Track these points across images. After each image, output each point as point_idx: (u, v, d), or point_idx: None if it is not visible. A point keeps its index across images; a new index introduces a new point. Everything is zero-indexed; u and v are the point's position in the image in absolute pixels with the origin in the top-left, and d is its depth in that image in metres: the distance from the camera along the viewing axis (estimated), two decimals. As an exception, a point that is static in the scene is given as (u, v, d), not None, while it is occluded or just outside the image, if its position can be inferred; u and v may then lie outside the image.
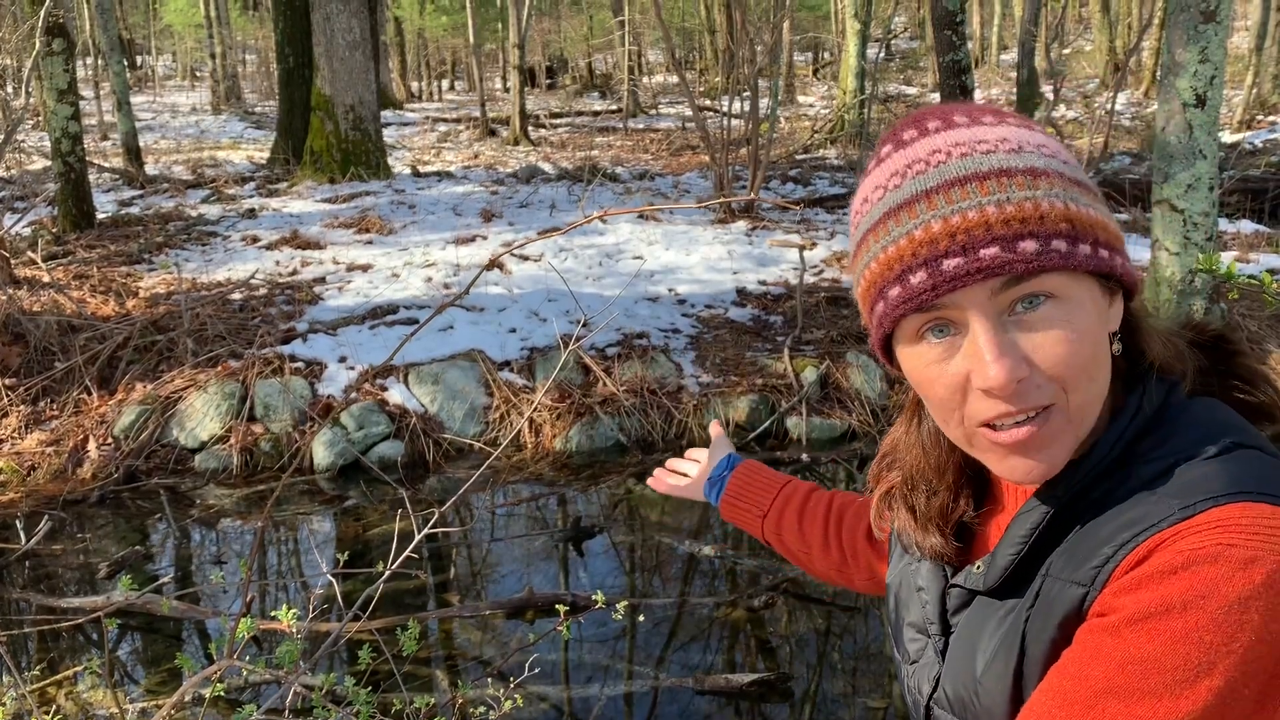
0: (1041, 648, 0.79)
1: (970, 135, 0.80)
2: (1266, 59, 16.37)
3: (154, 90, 28.83)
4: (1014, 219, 0.76)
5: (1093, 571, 0.76)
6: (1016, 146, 0.80)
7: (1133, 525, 0.75)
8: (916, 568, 0.98)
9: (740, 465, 1.46)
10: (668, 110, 21.89)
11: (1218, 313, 5.65)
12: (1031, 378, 0.78)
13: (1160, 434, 0.81)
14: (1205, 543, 0.70)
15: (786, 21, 15.20)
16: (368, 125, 11.44)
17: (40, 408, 5.67)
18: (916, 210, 0.79)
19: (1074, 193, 0.79)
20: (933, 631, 0.94)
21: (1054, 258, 0.76)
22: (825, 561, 1.34)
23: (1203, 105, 5.34)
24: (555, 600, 3.89)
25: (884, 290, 0.81)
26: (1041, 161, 0.79)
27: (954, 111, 0.84)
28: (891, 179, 0.82)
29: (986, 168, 0.78)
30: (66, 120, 8.45)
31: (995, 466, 0.83)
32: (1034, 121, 0.86)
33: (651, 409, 5.72)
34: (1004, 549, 0.85)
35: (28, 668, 3.63)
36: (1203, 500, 0.73)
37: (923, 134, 0.82)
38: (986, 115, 0.83)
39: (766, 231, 8.89)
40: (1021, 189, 0.77)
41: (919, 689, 0.95)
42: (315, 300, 7.02)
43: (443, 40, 31.85)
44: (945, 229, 0.77)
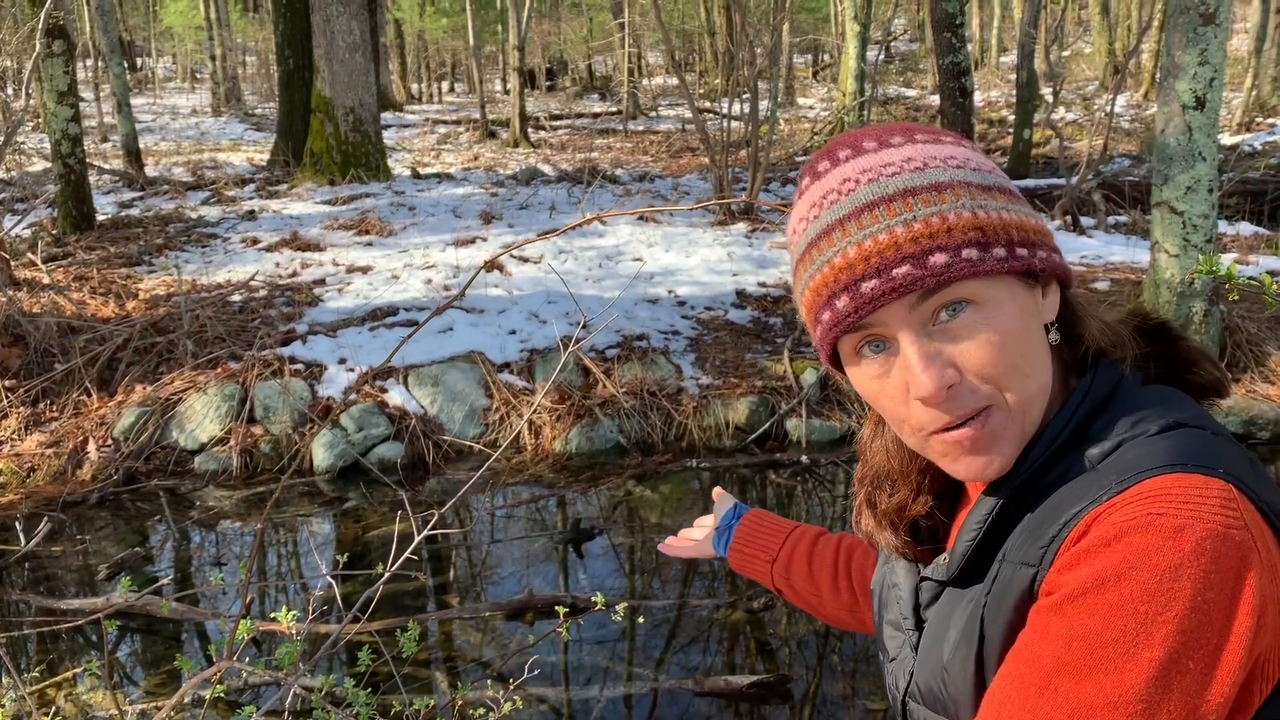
0: (998, 631, 0.81)
1: (877, 160, 0.84)
2: (1266, 61, 16.38)
3: (154, 92, 28.84)
4: (921, 235, 0.80)
5: (1040, 551, 0.78)
6: (921, 164, 0.83)
7: (1076, 502, 0.77)
8: (893, 566, 1.01)
9: (747, 514, 1.45)
10: (667, 112, 21.90)
11: (1217, 314, 5.65)
12: (963, 383, 0.81)
13: (1108, 417, 0.83)
14: (1137, 513, 0.72)
15: (786, 24, 15.20)
16: (368, 127, 11.44)
17: (40, 409, 5.67)
18: (834, 239, 0.83)
19: (982, 199, 0.82)
20: (906, 627, 0.96)
21: (964, 267, 0.79)
22: (835, 603, 1.33)
23: (1202, 107, 5.35)
24: (555, 602, 3.89)
25: (818, 316, 0.85)
26: (946, 175, 0.82)
27: (864, 138, 0.87)
28: (811, 210, 0.87)
29: (892, 190, 0.82)
30: (66, 122, 8.46)
31: (948, 468, 0.86)
32: (948, 132, 0.89)
33: (651, 411, 5.72)
34: (962, 538, 0.87)
35: (27, 669, 3.63)
36: (1138, 474, 0.75)
37: (835, 164, 0.87)
38: (895, 136, 0.86)
39: (766, 233, 8.89)
40: (927, 205, 0.81)
41: (896, 685, 0.98)
42: (315, 302, 7.02)
43: (443, 42, 31.86)
44: (860, 254, 0.81)
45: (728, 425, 5.70)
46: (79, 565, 4.55)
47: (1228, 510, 0.71)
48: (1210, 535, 0.69)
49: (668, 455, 5.56)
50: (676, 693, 3.46)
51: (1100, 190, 9.14)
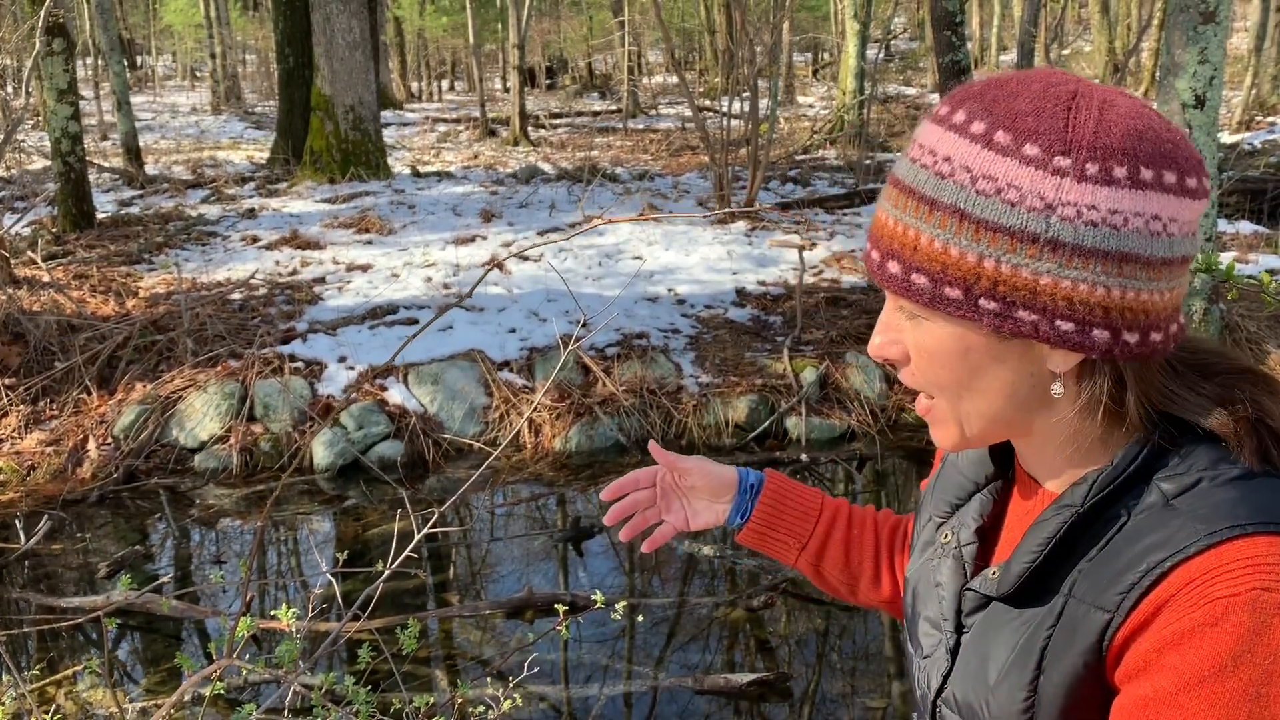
0: (1061, 672, 0.78)
1: (936, 139, 0.80)
2: (1265, 60, 16.38)
3: (154, 90, 28.82)
4: (896, 238, 0.81)
5: (1118, 598, 0.75)
6: (948, 172, 0.77)
7: (1157, 550, 0.74)
8: (938, 564, 0.98)
9: (768, 487, 1.26)
10: (667, 110, 21.89)
11: (1216, 313, 5.65)
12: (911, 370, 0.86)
13: (1185, 450, 0.80)
14: (1239, 588, 0.70)
15: (786, 22, 15.20)
16: (367, 125, 11.44)
17: (40, 407, 5.67)
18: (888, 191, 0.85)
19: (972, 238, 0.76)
20: (946, 629, 0.94)
21: (909, 288, 0.80)
22: (873, 595, 1.25)
23: (1202, 106, 5.35)
24: (554, 600, 3.89)
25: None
26: (956, 196, 0.76)
27: (969, 100, 0.79)
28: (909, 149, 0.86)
29: (908, 181, 0.81)
30: (66, 120, 8.45)
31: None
32: (1056, 142, 0.75)
33: (651, 409, 5.72)
34: (1019, 557, 0.84)
35: (27, 667, 3.63)
36: (1228, 528, 0.72)
37: (932, 118, 0.83)
38: (982, 122, 0.77)
39: (766, 232, 8.89)
40: (914, 215, 0.79)
41: (928, 684, 0.96)
42: (315, 300, 7.02)
43: (442, 40, 31.84)
44: (878, 220, 0.84)
45: (727, 423, 5.70)
46: (79, 563, 4.55)
47: None
48: None
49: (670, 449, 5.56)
50: (676, 691, 3.46)
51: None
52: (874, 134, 13.43)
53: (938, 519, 1.02)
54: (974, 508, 0.97)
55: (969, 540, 0.96)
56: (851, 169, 12.38)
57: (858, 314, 6.76)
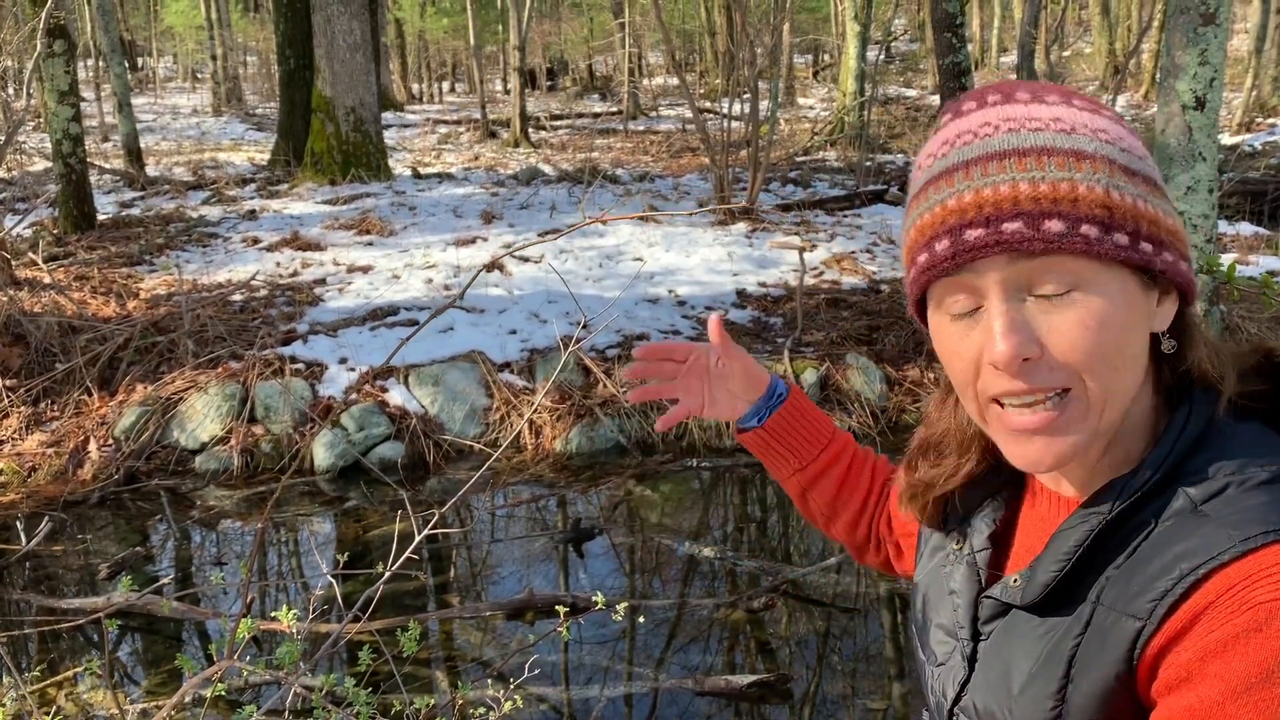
0: (1091, 681, 0.77)
1: (1024, 112, 0.80)
2: (1266, 61, 16.38)
3: (155, 92, 28.84)
4: (1045, 197, 0.76)
5: (1150, 605, 0.74)
6: (1070, 127, 0.78)
7: (1190, 556, 0.73)
8: (950, 570, 0.97)
9: (788, 400, 1.27)
10: (668, 112, 21.90)
11: (1217, 314, 5.65)
12: (1043, 360, 0.77)
13: (1208, 454, 0.79)
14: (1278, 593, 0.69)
15: (786, 24, 15.20)
16: (368, 127, 11.45)
17: (41, 409, 5.67)
18: (954, 180, 0.79)
19: (1122, 180, 0.77)
20: (962, 636, 0.93)
21: (1079, 242, 0.75)
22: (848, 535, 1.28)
23: (1202, 107, 5.35)
24: (555, 601, 3.89)
25: (916, 256, 0.82)
26: (1092, 145, 0.78)
27: (1018, 88, 0.83)
28: (941, 147, 0.83)
29: (1029, 144, 0.77)
30: (67, 122, 8.46)
31: (1005, 450, 0.83)
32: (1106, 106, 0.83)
33: (652, 410, 5.72)
34: (1045, 565, 0.83)
35: (28, 668, 3.63)
36: (1262, 534, 0.72)
37: (980, 106, 0.82)
38: (1051, 94, 0.82)
39: (766, 233, 8.89)
40: (1061, 169, 0.76)
41: (943, 692, 0.94)
42: (316, 301, 7.02)
43: (443, 42, 31.86)
44: (974, 200, 0.77)
45: (728, 425, 5.69)
46: (80, 564, 4.56)
47: None
48: None
49: (668, 455, 5.56)
50: (677, 692, 3.46)
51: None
52: (874, 135, 13.42)
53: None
54: (986, 514, 0.96)
55: (982, 546, 0.94)
56: (852, 171, 12.38)
57: (858, 315, 6.76)
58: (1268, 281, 4.89)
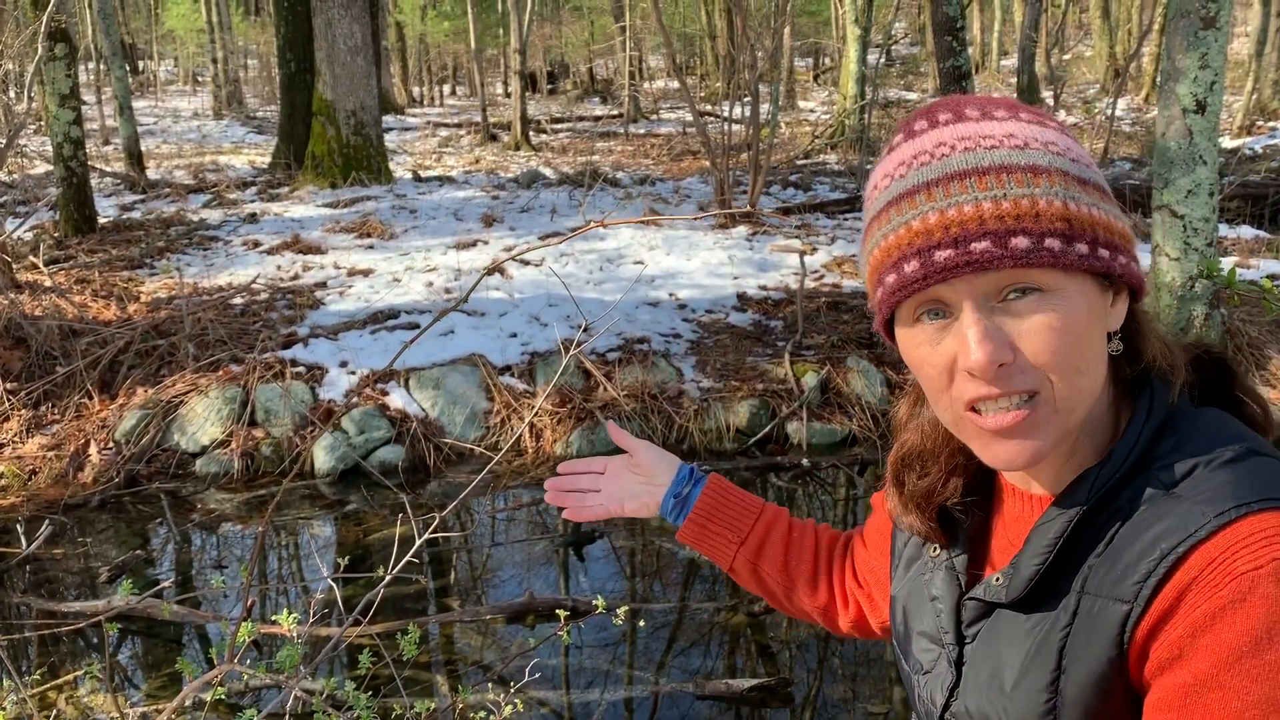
0: (1087, 668, 0.78)
1: (977, 130, 0.82)
2: (1266, 65, 16.38)
3: (156, 95, 28.86)
4: (1008, 215, 0.78)
5: (1135, 587, 0.76)
6: (1022, 143, 0.81)
7: (1170, 535, 0.75)
8: (930, 577, 0.97)
9: (709, 483, 1.28)
10: (668, 115, 21.91)
11: (1218, 318, 5.65)
12: (1015, 363, 0.80)
13: (1174, 438, 0.82)
14: (1261, 560, 0.71)
15: (787, 27, 15.22)
16: (369, 130, 11.46)
17: (41, 412, 5.67)
18: (916, 201, 0.81)
19: (1076, 191, 0.80)
20: (947, 642, 0.93)
21: (1045, 256, 0.78)
22: (810, 600, 1.26)
23: (1203, 111, 5.35)
24: (555, 605, 3.89)
25: (883, 277, 0.83)
26: (1046, 159, 0.80)
27: (966, 105, 0.85)
28: (898, 168, 0.84)
29: (987, 163, 0.79)
30: (68, 125, 8.47)
31: (980, 452, 0.85)
32: (1051, 116, 0.86)
33: (652, 414, 5.72)
34: (1027, 560, 0.84)
35: (28, 672, 3.63)
36: (1235, 507, 0.74)
37: (933, 125, 0.84)
38: (999, 109, 0.84)
39: (767, 236, 8.90)
40: (1020, 185, 0.78)
41: (931, 699, 0.95)
42: (316, 305, 7.03)
43: (444, 45, 31.89)
44: (940, 221, 0.79)
45: (728, 428, 5.70)
46: (80, 568, 4.55)
47: None
48: None
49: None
50: (677, 696, 3.45)
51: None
52: (875, 139, 13.43)
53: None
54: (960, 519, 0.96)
55: (960, 551, 0.95)
56: (853, 174, 12.38)
57: (859, 319, 6.76)
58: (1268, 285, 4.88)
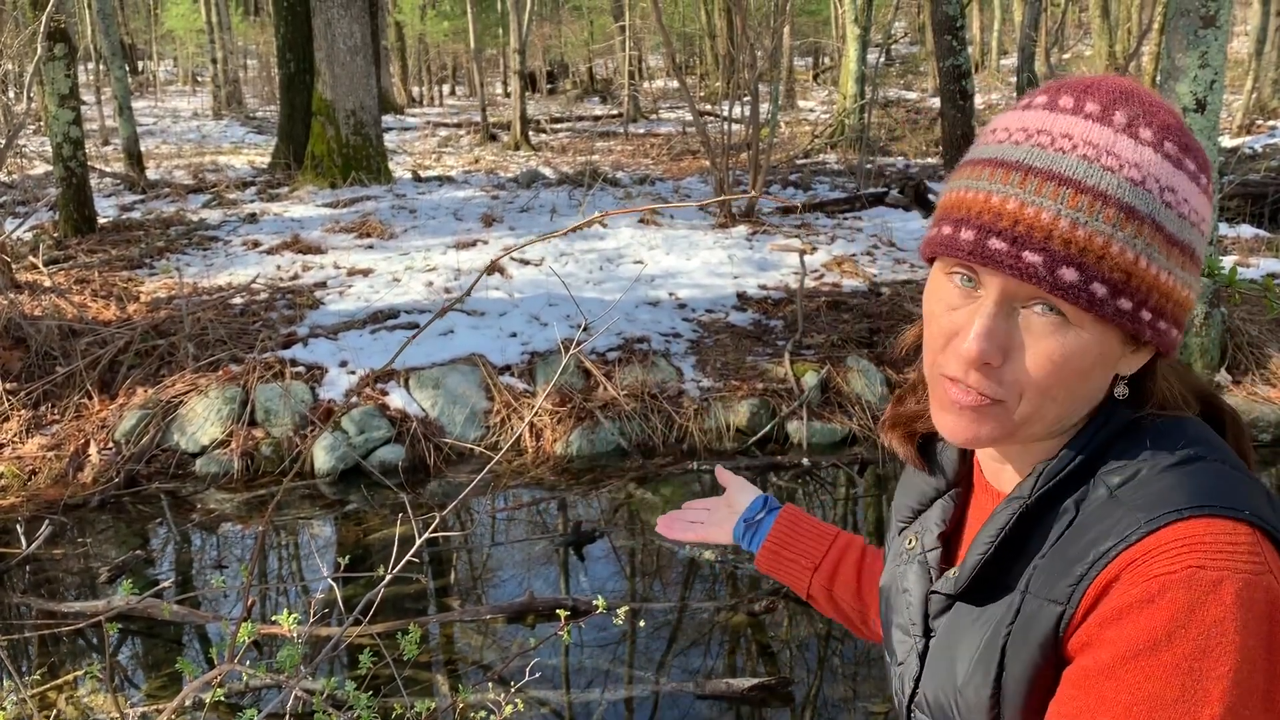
0: (1021, 666, 0.80)
1: (1109, 141, 0.78)
2: (1266, 64, 16.38)
3: (155, 95, 28.86)
4: (1075, 243, 0.76)
5: (1069, 589, 0.77)
6: (1140, 179, 0.77)
7: (1103, 540, 0.77)
8: (904, 570, 1.00)
9: (784, 511, 1.33)
10: (668, 115, 21.91)
11: (1218, 317, 5.65)
12: (1000, 370, 0.80)
13: (1126, 442, 0.82)
14: (1176, 566, 0.72)
15: (787, 26, 15.21)
16: (369, 130, 11.45)
17: (41, 412, 5.67)
18: (1010, 177, 0.79)
19: (1159, 251, 0.77)
20: (914, 634, 0.96)
21: (1083, 298, 0.76)
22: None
23: (1203, 110, 5.35)
24: (556, 605, 3.89)
25: (942, 223, 0.83)
26: (1148, 207, 0.77)
27: (1120, 106, 0.79)
28: (1020, 131, 0.81)
29: (1091, 183, 0.76)
30: (68, 125, 8.47)
31: (933, 413, 0.86)
32: (1197, 153, 0.80)
33: (652, 413, 5.72)
34: (972, 552, 0.86)
35: (28, 672, 3.63)
36: (1165, 514, 0.75)
37: (1075, 110, 0.80)
38: (1148, 129, 0.78)
39: (767, 236, 8.89)
40: (1107, 222, 0.76)
41: (902, 690, 0.98)
42: (316, 305, 7.02)
43: (444, 45, 31.88)
44: (1015, 212, 0.77)
45: (729, 428, 5.69)
46: (80, 568, 4.55)
47: (1255, 557, 0.72)
48: (1246, 585, 0.70)
49: (669, 458, 5.56)
50: (677, 695, 3.45)
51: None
52: (875, 138, 13.43)
53: (900, 525, 1.04)
54: (935, 513, 0.98)
55: (932, 545, 0.97)
56: (852, 173, 12.38)
57: (859, 318, 6.76)
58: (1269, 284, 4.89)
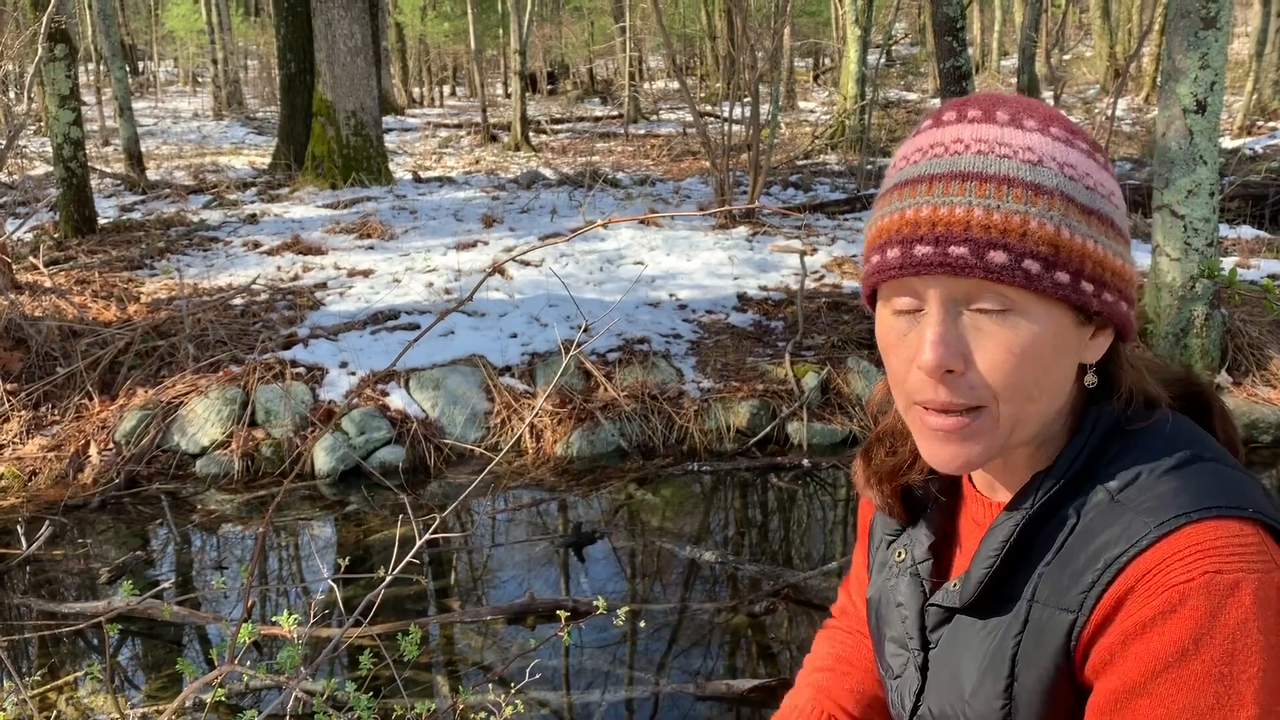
0: (1036, 674, 0.80)
1: (998, 135, 0.81)
2: (1266, 65, 16.38)
3: (156, 95, 28.86)
4: (995, 227, 0.77)
5: (1080, 597, 0.77)
6: (1037, 159, 0.79)
7: (1111, 546, 0.77)
8: (895, 583, 0.99)
9: None
10: (669, 116, 21.92)
11: (1218, 318, 5.65)
12: (966, 376, 0.80)
13: (1120, 444, 0.83)
14: (1193, 573, 0.72)
15: (787, 27, 15.22)
16: (369, 131, 11.46)
17: (41, 413, 5.67)
18: (918, 191, 0.81)
19: (1076, 220, 0.79)
20: (912, 647, 0.95)
21: (1019, 276, 0.77)
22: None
23: (1203, 111, 5.35)
24: (556, 606, 3.89)
25: (871, 255, 0.85)
26: (1055, 180, 0.79)
27: (1000, 106, 0.83)
28: (915, 153, 0.84)
29: (993, 171, 0.79)
30: (68, 126, 8.47)
31: (921, 448, 0.86)
32: (1083, 135, 0.84)
33: (652, 414, 5.72)
34: (977, 565, 0.86)
35: (29, 673, 3.63)
36: (1175, 518, 0.75)
37: (960, 119, 0.83)
38: (1031, 119, 0.82)
39: (767, 237, 8.90)
40: (1018, 201, 0.78)
41: (901, 704, 0.97)
42: (316, 305, 7.02)
43: (444, 46, 31.89)
44: (930, 216, 0.79)
45: (729, 429, 5.69)
46: (80, 569, 4.55)
47: (1264, 554, 0.73)
48: (1261, 584, 0.72)
49: (669, 459, 5.56)
50: (677, 696, 3.45)
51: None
52: (875, 139, 13.43)
53: (888, 537, 1.02)
54: (924, 525, 0.98)
55: (923, 557, 0.96)
56: (853, 174, 12.38)
57: (859, 319, 6.76)
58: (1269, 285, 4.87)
